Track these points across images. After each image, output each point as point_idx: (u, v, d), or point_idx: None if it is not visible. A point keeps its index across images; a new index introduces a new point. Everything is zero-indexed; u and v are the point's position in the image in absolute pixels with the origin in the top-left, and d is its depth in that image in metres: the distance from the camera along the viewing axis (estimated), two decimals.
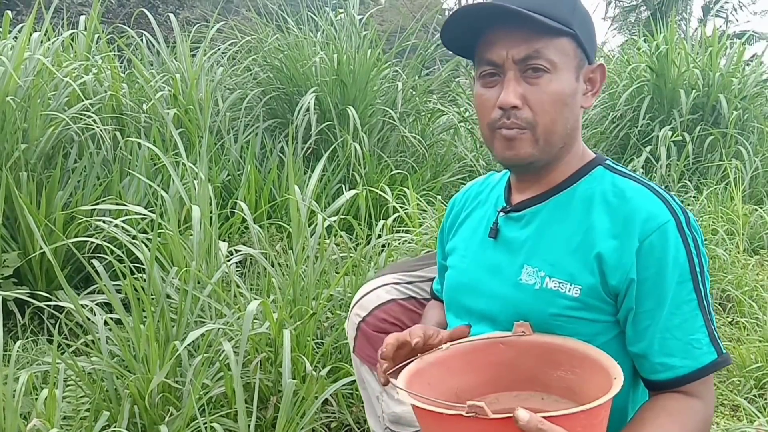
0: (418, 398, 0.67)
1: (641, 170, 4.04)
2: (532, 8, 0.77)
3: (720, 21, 12.31)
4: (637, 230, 0.77)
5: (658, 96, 4.57)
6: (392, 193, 2.87)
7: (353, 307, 1.44)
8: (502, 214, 0.88)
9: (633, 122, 4.54)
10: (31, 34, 2.94)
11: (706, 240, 3.15)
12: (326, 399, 1.87)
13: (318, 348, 2.03)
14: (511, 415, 0.60)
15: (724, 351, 0.80)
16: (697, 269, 0.78)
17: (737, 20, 13.49)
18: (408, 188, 2.98)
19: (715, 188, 3.81)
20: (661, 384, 0.79)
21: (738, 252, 3.17)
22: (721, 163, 4.15)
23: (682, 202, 3.87)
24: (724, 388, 2.11)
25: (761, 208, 3.71)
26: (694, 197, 3.82)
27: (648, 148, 4.24)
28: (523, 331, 0.79)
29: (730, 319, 2.71)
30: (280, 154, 3.44)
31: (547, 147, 0.80)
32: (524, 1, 0.78)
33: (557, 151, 0.82)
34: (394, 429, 1.39)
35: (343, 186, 3.26)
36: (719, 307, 2.81)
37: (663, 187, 0.85)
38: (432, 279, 1.20)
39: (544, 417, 0.60)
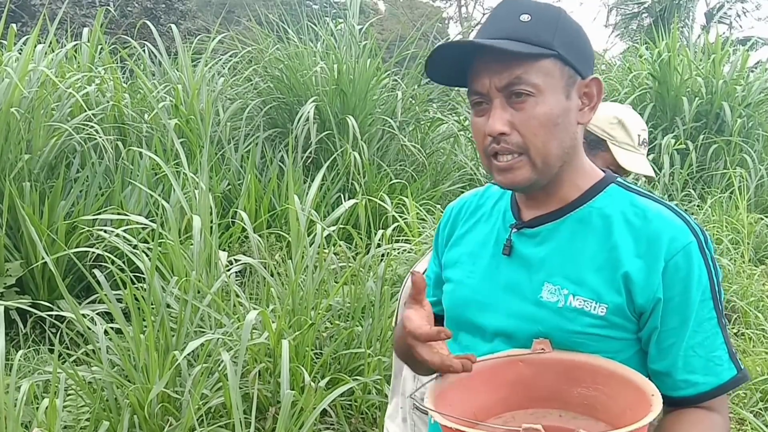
0: (462, 423, 0.66)
1: (644, 178, 4.02)
2: (509, 35, 0.78)
3: (723, 27, 12.30)
4: (663, 251, 0.78)
5: (660, 104, 4.55)
6: (392, 203, 2.87)
7: (400, 297, 1.46)
8: (514, 230, 0.87)
9: None
10: (35, 46, 2.98)
11: None
12: (325, 410, 1.86)
13: (317, 358, 2.03)
14: None
15: (743, 367, 0.82)
16: (717, 287, 0.80)
17: (741, 26, 13.42)
18: (407, 197, 2.99)
19: (720, 197, 3.78)
20: (683, 400, 0.80)
21: (743, 262, 3.14)
22: (725, 171, 4.12)
23: (685, 211, 3.86)
24: (729, 401, 2.09)
25: (767, 217, 3.68)
26: (698, 206, 3.78)
27: (651, 156, 4.21)
28: (542, 349, 0.79)
29: (735, 330, 2.67)
30: (280, 164, 3.45)
31: (546, 168, 0.81)
32: (502, 29, 0.79)
33: (558, 170, 0.82)
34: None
35: (343, 195, 3.26)
36: (724, 318, 2.78)
37: (666, 196, 0.86)
38: None
39: None
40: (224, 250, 2.50)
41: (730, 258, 3.09)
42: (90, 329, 1.90)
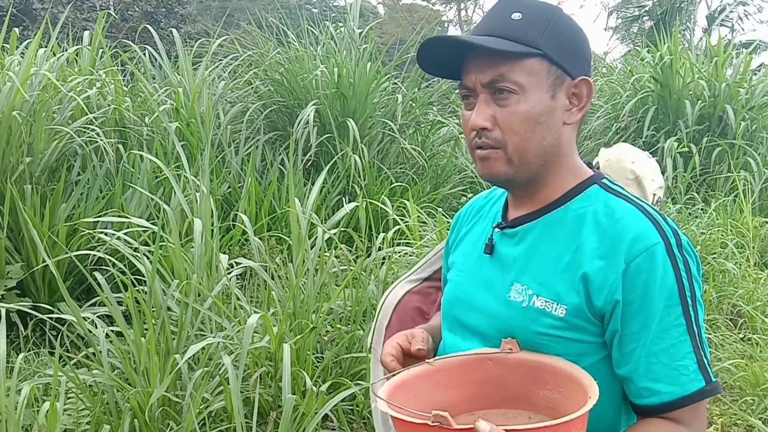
0: (392, 407, 0.69)
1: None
2: (498, 33, 0.79)
3: (725, 30, 12.29)
4: (624, 251, 0.76)
5: (662, 107, 4.54)
6: (392, 206, 2.86)
7: (378, 315, 1.44)
8: (497, 230, 0.88)
9: (637, 133, 4.51)
10: (37, 50, 2.98)
11: (714, 254, 3.10)
12: (326, 414, 1.85)
13: (318, 362, 2.02)
14: (472, 426, 0.61)
15: (714, 379, 0.78)
16: (687, 293, 0.77)
17: (743, 29, 13.42)
18: (408, 200, 2.98)
19: (724, 200, 3.74)
20: (647, 409, 0.78)
21: (749, 266, 3.11)
22: (729, 174, 4.08)
23: (689, 215, 3.85)
24: (736, 408, 2.07)
25: None
26: (702, 210, 3.75)
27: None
28: (510, 349, 0.80)
29: (741, 336, 2.63)
30: (281, 167, 3.46)
31: (523, 165, 0.81)
32: (492, 27, 0.80)
33: (538, 169, 0.82)
34: None
35: (343, 198, 3.26)
36: (730, 322, 2.74)
37: (669, 199, 0.86)
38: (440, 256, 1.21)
39: (506, 430, 0.61)
40: (225, 253, 2.50)
41: (735, 262, 3.06)
42: (91, 332, 1.90)
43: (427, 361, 0.81)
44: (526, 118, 0.79)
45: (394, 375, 0.78)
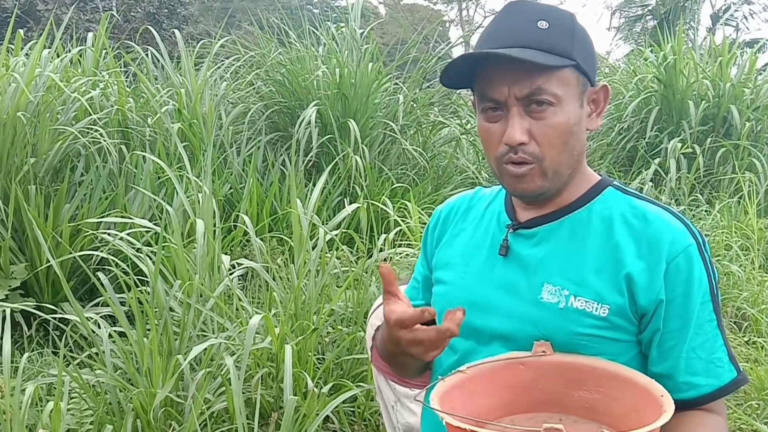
0: (473, 422, 0.65)
1: (650, 183, 3.98)
2: (529, 44, 0.77)
3: (730, 29, 12.22)
4: (665, 253, 0.79)
5: (666, 107, 4.52)
6: (393, 207, 2.86)
7: (370, 317, 1.45)
8: (510, 230, 0.87)
9: (640, 134, 4.49)
10: (41, 52, 3.00)
11: (719, 255, 3.08)
12: (327, 416, 1.86)
13: (319, 363, 2.03)
14: None
15: (742, 369, 0.83)
16: (715, 290, 0.81)
17: (748, 28, 13.34)
18: (409, 201, 2.98)
19: (728, 202, 3.71)
20: (685, 403, 0.79)
21: (753, 268, 3.08)
22: (733, 175, 4.04)
23: (693, 216, 3.83)
24: (741, 412, 2.05)
25: None
26: (705, 211, 3.72)
27: (657, 161, 4.17)
28: (543, 351, 0.79)
29: (746, 339, 2.62)
30: (282, 167, 3.46)
31: (557, 177, 0.82)
32: (519, 37, 0.78)
33: (566, 178, 0.83)
34: None
35: (345, 199, 3.26)
36: (734, 325, 2.72)
37: (673, 200, 0.89)
38: None
39: None
40: (226, 253, 2.51)
41: (740, 264, 3.03)
42: (94, 332, 1.91)
43: (459, 369, 0.79)
44: (563, 130, 0.79)
45: (434, 385, 0.76)
